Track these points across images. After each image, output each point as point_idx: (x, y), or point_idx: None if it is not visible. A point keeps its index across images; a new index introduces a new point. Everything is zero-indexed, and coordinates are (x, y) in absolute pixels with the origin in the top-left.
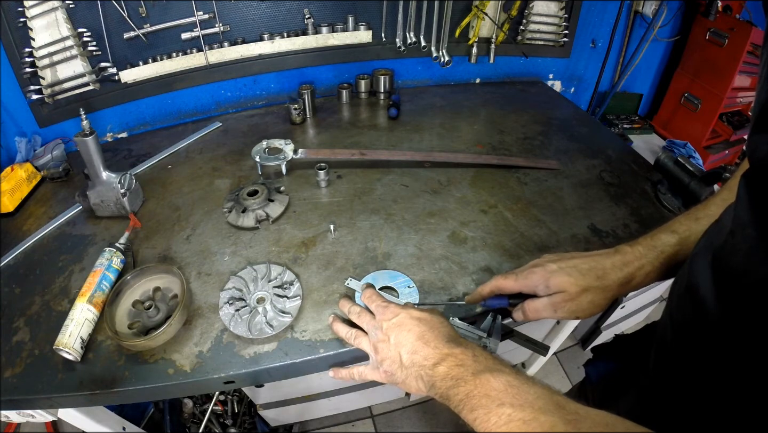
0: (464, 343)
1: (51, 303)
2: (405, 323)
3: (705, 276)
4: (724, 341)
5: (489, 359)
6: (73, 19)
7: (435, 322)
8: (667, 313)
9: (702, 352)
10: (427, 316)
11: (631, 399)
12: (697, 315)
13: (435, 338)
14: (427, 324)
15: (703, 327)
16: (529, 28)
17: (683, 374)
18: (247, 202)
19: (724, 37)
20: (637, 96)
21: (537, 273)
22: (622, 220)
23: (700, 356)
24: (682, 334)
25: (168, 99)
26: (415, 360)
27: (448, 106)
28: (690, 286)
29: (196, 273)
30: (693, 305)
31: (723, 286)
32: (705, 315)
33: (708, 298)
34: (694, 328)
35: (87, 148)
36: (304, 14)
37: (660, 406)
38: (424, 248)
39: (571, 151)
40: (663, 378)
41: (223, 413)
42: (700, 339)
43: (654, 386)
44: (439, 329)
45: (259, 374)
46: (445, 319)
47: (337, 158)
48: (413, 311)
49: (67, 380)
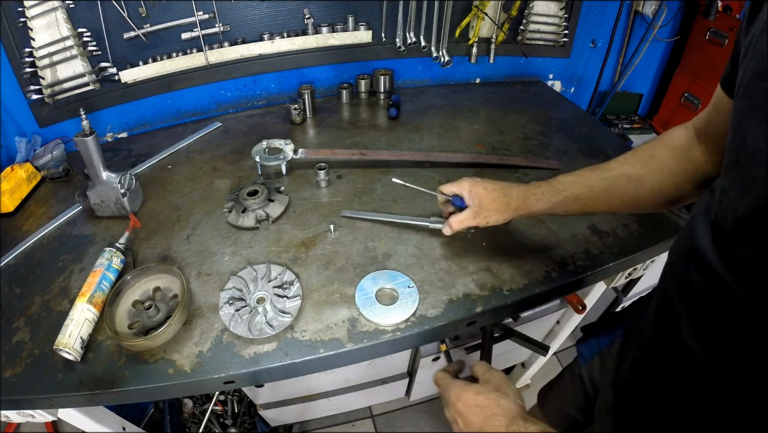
0: (524, 428)
1: (51, 303)
2: (465, 412)
3: (706, 239)
4: (734, 301)
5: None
6: (73, 19)
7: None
8: (669, 272)
9: (715, 312)
10: (485, 402)
11: (626, 369)
12: (705, 278)
13: (495, 428)
14: (484, 414)
15: (713, 290)
16: (529, 28)
17: (689, 332)
18: (247, 202)
19: (724, 37)
20: (637, 96)
21: (466, 180)
22: (622, 220)
23: (712, 318)
24: (689, 294)
25: (168, 99)
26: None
27: (448, 106)
28: (693, 249)
29: (196, 273)
30: (697, 266)
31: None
32: (712, 278)
33: (712, 259)
34: (702, 291)
35: (87, 148)
36: (304, 14)
37: (658, 369)
38: (424, 248)
39: (571, 151)
40: (664, 334)
41: (223, 413)
42: (708, 300)
43: (655, 341)
44: (496, 416)
45: (259, 374)
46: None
47: (337, 158)
48: (470, 396)
49: (67, 380)
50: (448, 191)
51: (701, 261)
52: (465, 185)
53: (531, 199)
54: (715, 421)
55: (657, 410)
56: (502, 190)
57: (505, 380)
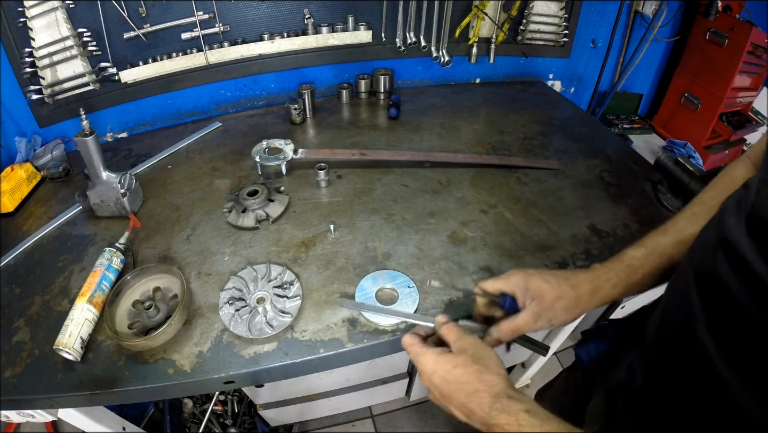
0: (508, 407)
1: (51, 303)
2: (443, 387)
3: (739, 230)
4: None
5: (536, 427)
6: (73, 19)
7: (474, 387)
8: (689, 266)
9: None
10: (465, 377)
11: (623, 370)
12: (734, 268)
13: (479, 407)
14: (466, 391)
15: (741, 280)
16: (529, 28)
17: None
18: (247, 203)
19: (724, 37)
20: (637, 96)
21: (517, 274)
22: (622, 220)
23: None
24: (711, 286)
25: (168, 99)
26: (466, 421)
27: (448, 106)
28: (723, 239)
29: (196, 273)
30: (727, 256)
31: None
32: (743, 268)
33: (747, 252)
34: (728, 282)
35: (87, 148)
36: (304, 14)
37: (660, 376)
38: (424, 248)
39: (571, 151)
40: (673, 338)
41: (223, 413)
42: (735, 292)
43: (661, 347)
44: (479, 393)
45: (259, 374)
46: (488, 364)
47: (337, 158)
48: (448, 369)
49: (67, 380)
50: (493, 289)
51: (732, 251)
52: (517, 280)
53: (605, 287)
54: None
55: (651, 417)
56: (567, 282)
57: (483, 347)
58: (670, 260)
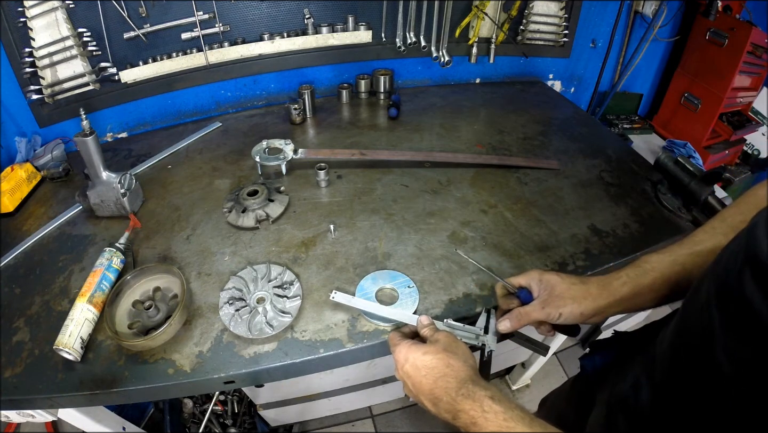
0: (473, 393)
1: (51, 303)
2: (414, 374)
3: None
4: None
5: (499, 414)
6: (73, 19)
7: (441, 371)
8: (711, 280)
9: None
10: (433, 362)
11: (628, 386)
12: (761, 285)
13: (445, 392)
14: (434, 375)
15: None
16: (529, 28)
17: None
18: (247, 202)
19: (724, 37)
20: (637, 96)
21: (534, 270)
22: (622, 220)
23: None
24: (734, 305)
25: (168, 99)
26: (434, 410)
27: (448, 106)
28: (752, 255)
29: (196, 273)
30: (753, 272)
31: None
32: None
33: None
34: (753, 300)
35: (87, 148)
36: (304, 14)
37: (669, 394)
38: (424, 248)
39: (571, 151)
40: (686, 356)
41: (223, 413)
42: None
43: (672, 363)
44: (446, 378)
45: (259, 374)
46: (456, 352)
47: (337, 158)
48: (418, 356)
49: (67, 380)
50: (514, 283)
51: (761, 270)
52: (534, 275)
53: (614, 283)
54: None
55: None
56: (578, 278)
57: (454, 340)
58: (684, 267)
